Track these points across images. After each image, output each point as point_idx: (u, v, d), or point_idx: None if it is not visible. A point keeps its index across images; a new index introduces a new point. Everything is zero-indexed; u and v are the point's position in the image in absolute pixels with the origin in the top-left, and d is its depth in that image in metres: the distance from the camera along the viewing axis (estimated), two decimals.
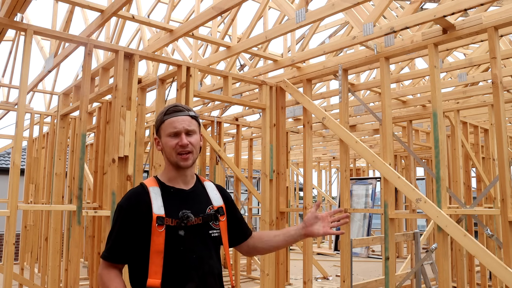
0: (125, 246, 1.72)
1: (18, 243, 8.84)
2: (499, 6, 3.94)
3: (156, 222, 1.67)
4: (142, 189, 1.78)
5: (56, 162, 5.06)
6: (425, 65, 6.59)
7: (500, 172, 3.27)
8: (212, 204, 1.85)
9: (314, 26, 5.51)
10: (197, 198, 1.84)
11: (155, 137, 1.87)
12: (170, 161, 1.80)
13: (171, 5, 5.07)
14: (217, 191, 1.93)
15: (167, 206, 1.73)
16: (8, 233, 3.38)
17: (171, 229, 1.70)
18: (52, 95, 7.57)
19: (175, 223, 1.70)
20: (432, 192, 9.21)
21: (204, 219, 1.79)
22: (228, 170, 7.66)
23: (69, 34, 3.79)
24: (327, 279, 7.99)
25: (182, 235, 1.70)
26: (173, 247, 1.68)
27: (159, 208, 1.71)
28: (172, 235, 1.69)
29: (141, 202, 1.72)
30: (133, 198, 1.76)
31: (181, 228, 1.71)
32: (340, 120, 4.32)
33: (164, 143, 1.80)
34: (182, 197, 1.80)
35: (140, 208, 1.71)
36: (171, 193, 1.79)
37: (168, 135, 1.78)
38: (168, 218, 1.70)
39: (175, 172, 1.81)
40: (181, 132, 1.77)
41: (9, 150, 11.28)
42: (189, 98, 4.22)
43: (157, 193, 1.75)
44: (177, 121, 1.78)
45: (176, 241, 1.70)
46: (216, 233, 1.81)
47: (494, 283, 6.37)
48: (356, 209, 8.75)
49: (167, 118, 1.80)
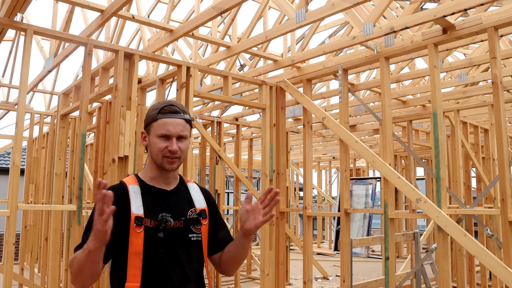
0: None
1: (18, 243, 8.84)
2: (499, 6, 3.94)
3: (134, 222, 1.60)
4: (121, 187, 1.69)
5: (56, 162, 5.06)
6: (425, 65, 6.59)
7: (500, 172, 3.27)
8: (195, 207, 1.76)
9: (314, 26, 5.51)
10: (179, 200, 1.75)
11: (142, 131, 1.77)
12: (155, 161, 1.72)
13: (171, 5, 5.07)
14: (200, 193, 1.84)
15: (147, 206, 1.65)
16: (8, 233, 3.38)
17: (150, 231, 1.62)
18: (52, 95, 7.57)
19: (154, 225, 1.63)
20: (432, 192, 9.21)
21: (186, 222, 1.70)
22: (228, 170, 7.66)
23: (69, 34, 3.79)
24: (327, 279, 7.99)
25: (162, 237, 1.63)
26: (152, 249, 1.61)
27: (138, 208, 1.63)
28: (151, 236, 1.62)
29: (119, 201, 1.60)
30: (113, 195, 1.65)
31: (160, 230, 1.63)
32: (340, 120, 4.32)
33: (152, 143, 1.70)
34: (163, 197, 1.71)
35: (118, 206, 1.56)
36: (151, 192, 1.70)
37: (158, 136, 1.68)
38: (147, 219, 1.62)
39: (157, 171, 1.73)
40: (173, 137, 1.67)
41: (9, 150, 11.27)
42: (189, 98, 4.22)
43: (137, 192, 1.67)
44: (171, 124, 1.68)
45: (155, 243, 1.62)
46: (196, 237, 1.72)
47: (494, 283, 6.37)
48: (356, 209, 8.74)
49: (161, 117, 1.69)
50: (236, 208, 7.70)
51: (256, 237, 15.00)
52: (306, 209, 4.58)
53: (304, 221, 4.60)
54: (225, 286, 7.34)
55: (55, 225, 4.79)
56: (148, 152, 1.75)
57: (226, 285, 7.41)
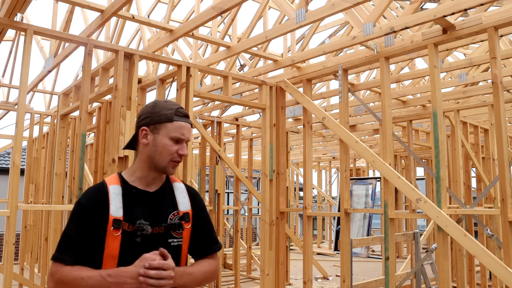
0: (85, 246, 1.55)
1: (18, 243, 8.84)
2: (499, 6, 3.94)
3: (112, 225, 1.55)
4: (101, 186, 1.63)
5: (56, 162, 5.06)
6: (425, 65, 6.59)
7: (500, 172, 3.27)
8: (178, 209, 1.69)
9: (314, 26, 5.51)
10: (161, 202, 1.68)
11: (144, 127, 1.67)
12: (155, 163, 1.65)
13: (171, 5, 5.07)
14: (186, 194, 1.75)
15: (127, 208, 1.59)
16: (8, 233, 3.38)
17: (128, 235, 1.57)
18: (52, 95, 7.57)
19: (132, 229, 1.57)
20: (432, 192, 9.22)
21: (167, 228, 1.64)
22: (228, 170, 7.66)
23: (69, 34, 3.79)
24: (327, 279, 7.99)
25: (139, 241, 1.58)
26: (128, 254, 1.55)
27: (117, 209, 1.57)
28: (128, 241, 1.56)
29: (99, 202, 1.57)
30: (91, 196, 1.61)
31: (138, 235, 1.58)
32: (340, 120, 4.32)
33: (162, 144, 1.63)
34: (144, 200, 1.64)
35: (97, 207, 1.57)
36: (132, 194, 1.64)
37: (172, 138, 1.63)
38: (126, 223, 1.57)
39: (145, 172, 1.67)
40: (184, 141, 1.66)
41: (9, 150, 11.28)
42: (189, 98, 4.22)
43: (117, 193, 1.61)
44: (186, 128, 1.66)
45: (132, 248, 1.56)
46: (176, 243, 1.66)
47: (494, 283, 6.37)
48: (356, 209, 8.74)
49: (178, 120, 1.65)
50: (236, 208, 7.70)
51: (256, 237, 15.01)
52: (306, 209, 4.58)
53: (304, 221, 4.60)
54: (225, 286, 7.34)
55: (55, 225, 4.79)
56: (145, 151, 1.67)
57: (226, 285, 7.41)
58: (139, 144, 1.70)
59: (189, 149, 4.25)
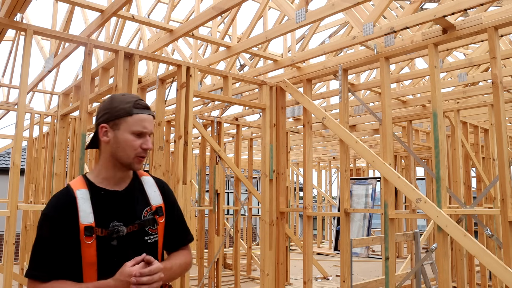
0: (58, 260, 1.48)
1: (18, 243, 8.84)
2: (499, 6, 3.94)
3: (83, 233, 1.47)
4: (67, 193, 1.53)
5: (56, 162, 5.06)
6: (425, 65, 6.59)
7: (500, 172, 3.27)
8: (150, 205, 1.63)
9: (314, 26, 5.51)
10: (132, 200, 1.61)
11: (103, 125, 1.58)
12: (118, 159, 1.57)
13: (171, 5, 5.07)
14: (156, 187, 1.70)
15: (98, 212, 1.51)
16: (8, 233, 3.38)
17: (103, 240, 1.50)
18: (52, 95, 7.57)
19: (106, 234, 1.51)
20: (432, 192, 9.22)
21: (141, 225, 1.58)
22: (228, 170, 7.66)
23: (69, 34, 3.79)
24: (327, 279, 7.99)
25: (115, 244, 1.52)
26: (106, 259, 1.50)
27: (87, 216, 1.49)
28: (104, 245, 1.50)
29: (66, 210, 1.49)
30: (57, 205, 1.52)
31: (113, 238, 1.52)
32: (340, 120, 4.32)
33: (124, 140, 1.55)
34: (114, 201, 1.57)
35: (65, 216, 1.48)
36: (101, 196, 1.55)
37: (134, 133, 1.55)
38: (98, 228, 1.50)
39: (112, 171, 1.59)
40: (147, 134, 1.57)
41: (9, 150, 11.28)
42: (189, 98, 4.22)
43: (86, 198, 1.52)
44: (147, 120, 1.57)
45: (108, 252, 1.51)
46: (152, 239, 1.61)
47: (494, 283, 6.37)
48: (356, 209, 8.74)
49: (138, 112, 1.56)
50: (236, 208, 7.70)
51: (256, 237, 15.00)
52: (306, 209, 4.58)
53: (304, 221, 4.60)
54: (225, 286, 7.34)
55: None
56: (108, 149, 1.58)
57: (226, 285, 7.41)
58: (100, 143, 1.61)
59: (189, 149, 4.24)
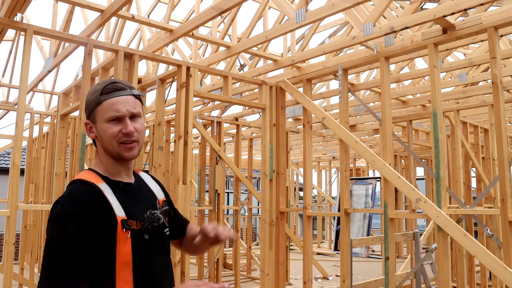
0: (89, 262, 1.29)
1: (18, 243, 8.84)
2: (499, 6, 3.94)
3: (122, 226, 1.35)
4: (91, 187, 1.38)
5: (56, 162, 5.06)
6: (425, 65, 6.59)
7: (500, 172, 3.27)
8: (157, 198, 1.57)
9: (314, 26, 5.51)
10: (145, 193, 1.55)
11: (86, 121, 1.50)
12: (110, 152, 1.45)
13: (171, 5, 5.07)
14: (155, 182, 1.65)
15: (125, 206, 1.40)
16: (8, 233, 3.38)
17: (137, 234, 1.39)
18: (52, 95, 7.58)
19: (140, 226, 1.40)
20: (432, 192, 9.21)
21: (165, 215, 1.53)
22: (228, 170, 7.66)
23: (69, 34, 3.79)
24: (327, 279, 7.99)
25: (147, 238, 1.42)
26: (140, 256, 1.39)
27: (119, 209, 1.37)
28: (138, 240, 1.39)
29: (98, 205, 1.35)
30: (85, 201, 1.34)
31: (146, 231, 1.42)
32: (340, 120, 4.32)
33: (102, 130, 1.43)
34: (133, 193, 1.49)
35: (97, 212, 1.33)
36: (121, 189, 1.45)
37: (108, 120, 1.42)
38: (132, 221, 1.38)
39: (117, 165, 1.47)
40: (125, 117, 1.42)
41: (9, 150, 11.28)
42: (189, 98, 4.22)
43: (109, 191, 1.40)
44: (119, 102, 1.42)
45: (143, 248, 1.40)
46: (167, 231, 1.55)
47: (494, 283, 6.37)
48: (356, 209, 8.74)
49: (106, 98, 1.43)
50: (236, 208, 7.70)
51: (256, 237, 15.01)
52: (306, 209, 4.58)
53: (304, 221, 4.60)
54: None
55: None
56: (99, 144, 1.48)
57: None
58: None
59: (189, 149, 4.23)
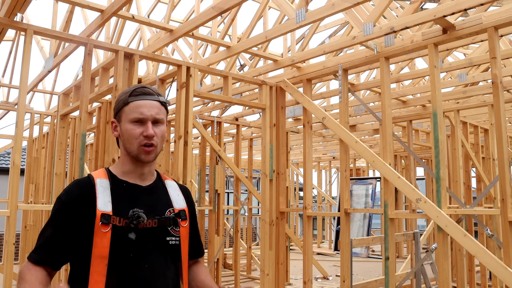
0: (59, 247, 1.43)
1: (18, 243, 8.84)
2: (499, 6, 3.94)
3: (100, 220, 1.40)
4: (87, 180, 1.50)
5: (56, 162, 5.06)
6: (425, 65, 6.59)
7: (500, 172, 3.27)
8: (173, 207, 1.57)
9: (314, 26, 5.51)
10: (155, 197, 1.56)
11: (112, 120, 1.58)
12: (129, 152, 1.52)
13: (171, 5, 5.07)
14: (180, 192, 1.65)
15: (116, 202, 1.45)
16: (8, 233, 3.38)
17: (119, 231, 1.42)
18: (52, 95, 7.57)
19: (124, 224, 1.43)
20: (432, 192, 9.21)
21: (161, 222, 1.50)
22: (228, 170, 7.66)
23: (69, 34, 3.79)
24: (327, 279, 7.99)
25: (133, 238, 1.43)
26: (120, 253, 1.41)
27: (105, 204, 1.43)
28: (120, 238, 1.42)
29: (84, 196, 1.44)
30: (75, 191, 1.47)
31: (131, 230, 1.43)
32: (340, 120, 4.32)
33: (125, 130, 1.51)
34: (135, 194, 1.52)
35: (82, 202, 1.43)
36: (122, 188, 1.51)
37: (132, 121, 1.50)
38: (116, 217, 1.42)
39: (131, 165, 1.54)
40: (148, 120, 1.49)
41: (9, 150, 11.28)
42: (189, 98, 4.22)
43: (105, 187, 1.48)
44: (145, 106, 1.50)
45: (125, 246, 1.42)
46: (174, 241, 1.53)
47: (494, 283, 6.37)
48: (356, 209, 8.74)
49: (133, 100, 1.51)
50: (236, 208, 7.70)
51: (256, 237, 15.00)
52: (306, 209, 4.58)
53: (304, 221, 4.60)
54: (225, 286, 7.33)
55: None
56: (121, 143, 1.56)
57: (226, 285, 7.41)
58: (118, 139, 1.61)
59: (189, 149, 4.23)
